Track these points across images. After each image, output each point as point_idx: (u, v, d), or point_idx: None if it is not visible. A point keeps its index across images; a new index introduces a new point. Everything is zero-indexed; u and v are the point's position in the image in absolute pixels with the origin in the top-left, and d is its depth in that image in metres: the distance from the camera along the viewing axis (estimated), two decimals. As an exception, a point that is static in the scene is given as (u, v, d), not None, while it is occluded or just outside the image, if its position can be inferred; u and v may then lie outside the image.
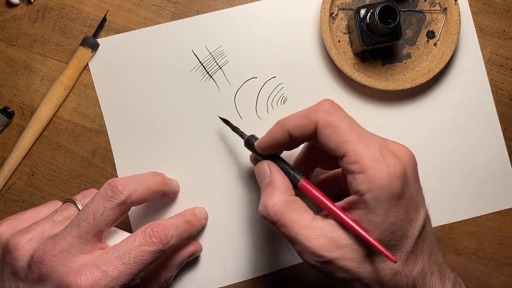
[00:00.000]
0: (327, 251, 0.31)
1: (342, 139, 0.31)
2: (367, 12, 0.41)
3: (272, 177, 0.35)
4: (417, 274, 0.32)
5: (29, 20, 0.45)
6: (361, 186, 0.30)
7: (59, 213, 0.36)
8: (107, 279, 0.32)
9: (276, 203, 0.33)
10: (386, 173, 0.30)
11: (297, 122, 0.33)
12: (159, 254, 0.35)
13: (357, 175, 0.31)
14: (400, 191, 0.30)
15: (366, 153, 0.31)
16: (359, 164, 0.30)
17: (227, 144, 0.45)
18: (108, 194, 0.34)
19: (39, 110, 0.44)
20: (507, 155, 0.46)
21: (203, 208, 0.45)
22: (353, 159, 0.31)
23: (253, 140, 0.38)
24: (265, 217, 0.33)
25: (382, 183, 0.30)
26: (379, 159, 0.30)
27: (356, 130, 0.32)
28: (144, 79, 0.45)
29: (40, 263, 0.32)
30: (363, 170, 0.30)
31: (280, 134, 0.35)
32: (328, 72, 0.45)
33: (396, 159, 0.31)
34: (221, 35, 0.45)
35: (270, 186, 0.34)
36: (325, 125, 0.32)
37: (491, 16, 0.46)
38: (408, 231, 0.32)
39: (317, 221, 0.32)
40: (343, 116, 0.32)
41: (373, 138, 0.32)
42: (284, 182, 0.35)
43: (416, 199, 0.32)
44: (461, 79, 0.45)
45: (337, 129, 0.32)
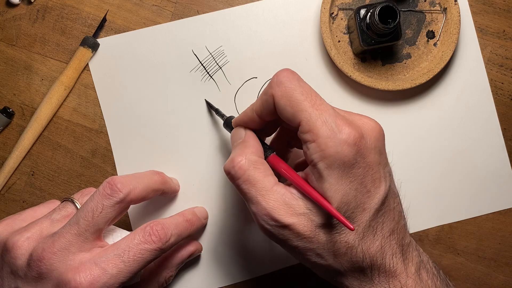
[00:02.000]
0: (283, 216, 0.31)
1: (296, 108, 0.31)
2: (367, 12, 0.41)
3: (246, 138, 0.35)
4: (375, 252, 0.32)
5: (29, 20, 0.45)
6: (313, 155, 0.30)
7: (57, 212, 0.36)
8: (106, 277, 0.32)
9: (243, 159, 0.33)
10: (338, 141, 0.30)
11: (260, 102, 0.33)
12: (159, 252, 0.35)
13: (310, 143, 0.30)
14: (353, 159, 0.30)
15: (319, 121, 0.30)
16: (311, 133, 0.30)
17: (227, 144, 0.45)
18: (107, 192, 0.34)
19: (39, 110, 0.44)
20: (507, 155, 0.46)
21: (203, 208, 0.45)
22: (306, 128, 0.31)
23: (230, 120, 0.39)
24: (228, 171, 0.33)
25: (333, 151, 0.30)
26: (331, 128, 0.30)
27: (309, 98, 0.31)
28: (144, 79, 0.45)
29: (39, 261, 0.32)
30: (315, 138, 0.30)
31: (250, 115, 0.35)
32: (328, 72, 0.45)
33: (351, 128, 0.30)
34: (221, 35, 0.45)
35: (242, 144, 0.35)
36: (280, 97, 0.32)
37: (491, 16, 0.46)
38: (365, 203, 0.31)
39: (278, 186, 0.32)
40: (296, 85, 0.32)
41: (328, 106, 0.32)
42: (257, 144, 0.35)
43: (375, 171, 0.31)
44: (461, 79, 0.45)
45: (290, 99, 0.31)
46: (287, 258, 0.45)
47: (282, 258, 0.45)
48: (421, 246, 0.45)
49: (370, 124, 0.32)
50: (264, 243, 0.45)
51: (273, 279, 0.45)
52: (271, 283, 0.45)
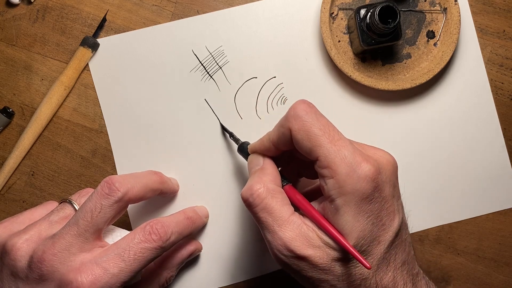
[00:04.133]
0: (299, 247, 0.31)
1: (313, 143, 0.31)
2: (367, 12, 0.41)
3: (265, 165, 0.35)
4: (388, 282, 0.32)
5: (29, 20, 0.45)
6: (331, 191, 0.30)
7: (56, 213, 0.36)
8: (107, 276, 0.32)
9: (261, 187, 0.33)
10: (356, 178, 0.30)
11: (277, 133, 0.34)
12: (160, 251, 0.35)
13: (328, 179, 0.31)
14: (371, 195, 0.30)
15: (337, 158, 0.30)
16: (329, 169, 0.30)
17: (227, 144, 0.45)
18: (105, 191, 0.34)
19: (39, 110, 0.44)
20: (507, 155, 0.46)
21: (204, 207, 0.45)
22: (324, 164, 0.31)
23: (245, 146, 0.39)
24: (246, 198, 0.33)
25: (352, 188, 0.30)
26: (349, 164, 0.30)
27: (328, 134, 0.31)
28: (144, 79, 0.45)
29: (40, 262, 0.32)
30: (333, 174, 0.30)
31: (267, 145, 0.35)
32: (328, 72, 0.45)
33: (368, 163, 0.30)
34: (221, 35, 0.45)
35: (260, 172, 0.35)
36: (297, 130, 0.32)
37: (491, 16, 0.46)
38: (380, 236, 0.31)
39: (295, 217, 0.32)
40: (314, 119, 0.32)
41: (346, 141, 0.31)
42: (275, 172, 0.35)
43: (390, 204, 0.32)
44: (461, 79, 0.45)
45: (308, 134, 0.31)
46: (287, 258, 0.45)
47: (282, 258, 0.45)
48: (421, 246, 0.45)
49: (385, 158, 0.33)
50: (264, 243, 0.45)
51: (273, 279, 0.45)
52: (271, 283, 0.45)
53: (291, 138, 0.33)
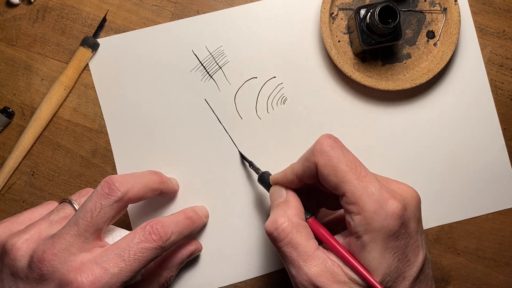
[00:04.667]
0: (325, 283, 0.31)
1: (340, 179, 0.31)
2: (367, 12, 0.41)
3: (288, 198, 0.35)
4: None
5: (29, 20, 0.45)
6: (358, 228, 0.30)
7: (55, 213, 0.36)
8: (107, 276, 0.32)
9: (286, 221, 0.33)
10: (384, 215, 0.30)
11: (302, 167, 0.34)
12: (160, 251, 0.35)
13: (355, 216, 0.31)
14: (398, 232, 0.30)
15: (365, 194, 0.30)
16: (357, 205, 0.30)
17: (227, 144, 0.45)
18: (105, 191, 0.34)
19: (39, 110, 0.44)
20: (507, 155, 0.46)
21: (204, 207, 0.45)
22: (351, 200, 0.31)
23: (265, 176, 0.39)
24: (271, 232, 0.33)
25: (379, 225, 0.30)
26: (377, 201, 0.30)
27: (354, 170, 0.31)
28: (144, 79, 0.45)
29: (40, 262, 0.32)
30: (360, 211, 0.30)
31: (290, 178, 0.35)
32: (328, 72, 0.45)
33: (395, 200, 0.31)
34: (221, 35, 0.45)
35: (284, 205, 0.34)
36: (324, 166, 0.32)
37: (491, 16, 0.46)
38: (405, 272, 0.31)
39: (320, 251, 0.32)
40: (340, 155, 0.32)
41: (373, 177, 0.31)
42: (299, 205, 0.35)
43: (415, 240, 0.32)
44: (461, 79, 0.45)
45: (335, 169, 0.31)
46: (287, 258, 0.45)
47: (282, 258, 0.45)
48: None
49: (410, 193, 0.33)
50: (264, 243, 0.45)
51: (273, 279, 0.45)
52: (271, 283, 0.45)
53: (316, 172, 0.33)
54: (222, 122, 0.45)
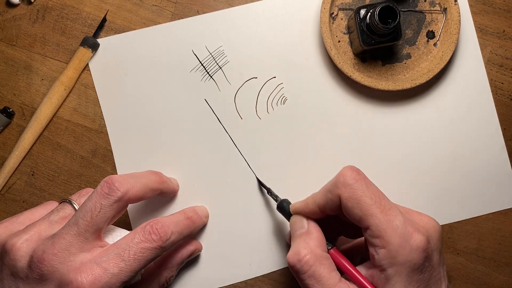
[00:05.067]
0: None
1: (364, 213, 0.31)
2: (367, 12, 0.41)
3: (310, 228, 0.35)
4: None
5: (29, 20, 0.45)
6: (383, 261, 0.31)
7: (55, 213, 0.36)
8: (107, 276, 0.32)
9: (309, 253, 0.33)
10: (409, 248, 0.30)
11: (324, 199, 0.34)
12: (160, 251, 0.35)
13: (380, 249, 0.31)
14: (422, 265, 0.31)
15: (389, 228, 0.31)
16: (381, 239, 0.31)
17: (227, 144, 0.45)
18: (105, 191, 0.34)
19: (39, 110, 0.44)
20: (507, 155, 0.46)
21: (204, 207, 0.45)
22: (376, 233, 0.31)
23: (284, 205, 0.39)
24: (294, 264, 0.33)
25: (404, 259, 0.30)
26: (402, 234, 0.30)
27: (378, 203, 0.32)
28: (144, 79, 0.45)
29: (40, 262, 0.32)
30: (385, 245, 0.31)
31: (312, 208, 0.35)
32: (328, 72, 0.45)
33: (420, 233, 0.31)
34: (221, 35, 0.45)
35: (306, 236, 0.35)
36: (347, 198, 0.32)
37: (491, 16, 0.46)
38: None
39: (342, 283, 0.32)
40: (364, 188, 0.32)
41: (397, 211, 0.32)
42: (320, 236, 0.35)
43: (438, 272, 0.32)
44: (461, 79, 0.45)
45: (359, 203, 0.32)
46: (287, 258, 0.45)
47: (282, 258, 0.45)
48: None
49: (432, 225, 0.33)
50: (264, 243, 0.45)
51: (273, 279, 0.45)
52: (271, 283, 0.45)
53: (339, 204, 0.33)
54: (222, 122, 0.45)
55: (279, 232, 0.45)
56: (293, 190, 0.45)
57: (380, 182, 0.45)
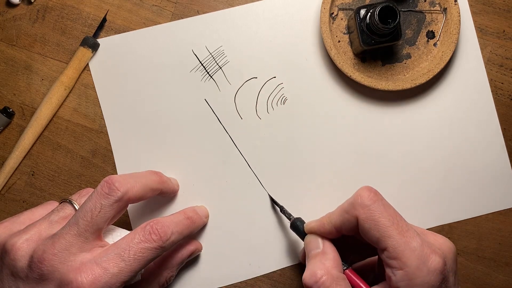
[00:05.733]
0: None
1: (382, 234, 0.31)
2: (367, 12, 0.41)
3: (326, 249, 0.35)
4: None
5: (29, 20, 0.45)
6: (400, 283, 0.31)
7: (56, 213, 0.36)
8: (107, 276, 0.32)
9: (325, 274, 0.32)
10: (426, 271, 0.30)
11: (341, 219, 0.34)
12: (160, 251, 0.35)
13: (397, 271, 0.31)
14: (439, 287, 0.31)
15: (407, 250, 0.31)
16: (399, 261, 0.31)
17: (227, 144, 0.45)
18: (105, 191, 0.34)
19: (39, 110, 0.44)
20: (507, 155, 0.46)
21: (204, 207, 0.45)
22: (393, 255, 0.31)
23: (298, 223, 0.39)
24: (310, 285, 0.33)
25: (421, 281, 0.30)
26: (419, 256, 0.30)
27: (396, 224, 0.32)
28: (144, 79, 0.45)
29: (40, 262, 0.32)
30: (403, 267, 0.31)
31: (328, 228, 0.35)
32: (328, 72, 0.45)
33: (437, 255, 0.31)
34: (221, 35, 0.45)
35: (322, 256, 0.34)
36: (365, 220, 0.32)
37: (491, 16, 0.46)
38: None
39: None
40: (382, 209, 0.32)
41: (414, 232, 0.32)
42: (336, 256, 0.35)
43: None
44: (461, 79, 0.45)
45: (376, 224, 0.32)
46: (287, 258, 0.45)
47: (282, 258, 0.45)
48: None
49: (447, 246, 0.33)
50: (264, 243, 0.45)
51: (273, 279, 0.45)
52: (271, 283, 0.45)
53: (356, 225, 0.33)
54: (222, 122, 0.45)
55: (279, 232, 0.45)
56: (293, 189, 0.45)
57: (380, 182, 0.45)
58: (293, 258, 0.45)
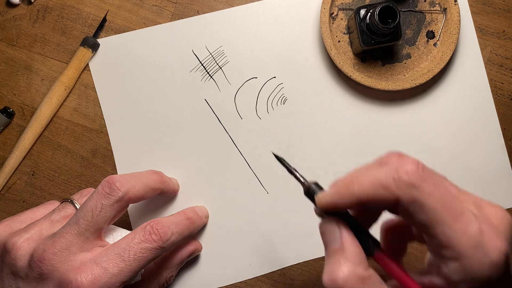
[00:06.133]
0: None
1: (431, 219, 0.26)
2: (367, 12, 0.41)
3: (344, 243, 0.28)
4: None
5: (30, 20, 0.45)
6: (454, 275, 0.26)
7: (57, 212, 0.36)
8: (107, 276, 0.32)
9: (348, 276, 0.27)
10: (488, 263, 0.25)
11: (372, 193, 0.26)
12: (160, 251, 0.35)
13: (451, 262, 0.26)
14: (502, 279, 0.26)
15: (463, 237, 0.25)
16: (452, 250, 0.25)
17: (227, 144, 0.45)
18: (106, 191, 0.34)
19: (39, 110, 0.44)
20: (507, 155, 0.46)
21: (204, 207, 0.45)
22: (446, 243, 0.26)
23: (315, 189, 0.30)
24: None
25: (482, 274, 0.25)
26: (478, 245, 0.25)
27: (449, 207, 0.26)
28: (144, 79, 0.45)
29: (40, 261, 0.32)
30: (458, 257, 0.25)
31: (348, 201, 0.28)
32: (328, 72, 0.45)
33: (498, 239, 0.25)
34: (221, 35, 0.45)
35: (341, 254, 0.28)
36: (410, 202, 0.26)
37: (491, 16, 0.46)
38: None
39: None
40: (432, 188, 0.26)
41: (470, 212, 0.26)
42: (358, 251, 0.28)
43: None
44: (461, 79, 0.46)
45: (424, 207, 0.26)
46: (287, 258, 0.45)
47: (282, 258, 0.45)
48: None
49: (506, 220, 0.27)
50: (264, 243, 0.45)
51: (273, 279, 0.45)
52: (271, 283, 0.45)
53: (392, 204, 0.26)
54: (222, 122, 0.45)
55: (279, 232, 0.45)
56: (293, 189, 0.45)
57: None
58: (293, 258, 0.45)
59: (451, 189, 0.27)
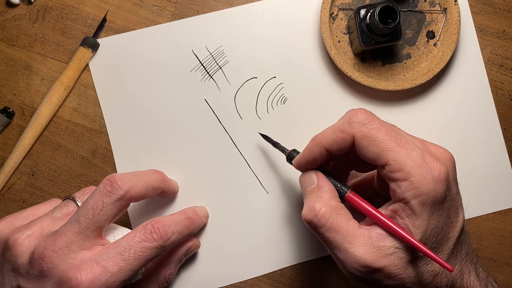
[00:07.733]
0: (374, 260, 0.31)
1: (381, 148, 0.31)
2: (367, 12, 0.41)
3: (320, 183, 0.35)
4: (456, 274, 0.33)
5: (29, 20, 0.45)
6: (406, 194, 0.30)
7: (59, 210, 0.36)
8: (107, 275, 0.32)
9: (323, 206, 0.32)
10: (431, 178, 0.30)
11: (333, 138, 0.33)
12: (160, 250, 0.35)
13: (401, 182, 0.31)
14: (444, 194, 0.31)
15: (409, 160, 0.30)
16: (402, 172, 0.30)
17: (227, 144, 0.45)
18: (107, 189, 0.34)
19: (39, 110, 0.44)
20: (507, 155, 0.46)
21: (204, 207, 0.45)
22: (396, 167, 0.31)
23: (294, 154, 0.38)
24: (310, 220, 0.32)
25: (427, 188, 0.30)
26: (422, 165, 0.30)
27: (395, 137, 0.31)
28: (144, 79, 0.45)
29: (40, 259, 0.32)
30: (407, 177, 0.30)
31: (318, 151, 0.34)
32: (328, 72, 0.45)
33: (439, 163, 0.31)
34: (221, 35, 0.45)
35: (317, 191, 0.34)
36: (363, 137, 0.32)
37: (491, 16, 0.46)
38: (449, 233, 0.32)
39: (362, 229, 0.32)
40: (379, 125, 0.32)
41: (413, 142, 0.32)
42: (332, 187, 0.34)
43: (456, 201, 0.32)
44: (461, 79, 0.46)
45: (375, 140, 0.31)
46: (287, 258, 0.45)
47: (282, 258, 0.45)
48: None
49: (447, 155, 0.33)
50: (263, 243, 0.45)
51: (273, 279, 0.45)
52: (271, 283, 0.45)
53: (350, 144, 0.32)
54: (222, 122, 0.45)
55: (279, 232, 0.45)
56: (293, 189, 0.45)
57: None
58: (293, 258, 0.45)
59: (396, 128, 0.33)
